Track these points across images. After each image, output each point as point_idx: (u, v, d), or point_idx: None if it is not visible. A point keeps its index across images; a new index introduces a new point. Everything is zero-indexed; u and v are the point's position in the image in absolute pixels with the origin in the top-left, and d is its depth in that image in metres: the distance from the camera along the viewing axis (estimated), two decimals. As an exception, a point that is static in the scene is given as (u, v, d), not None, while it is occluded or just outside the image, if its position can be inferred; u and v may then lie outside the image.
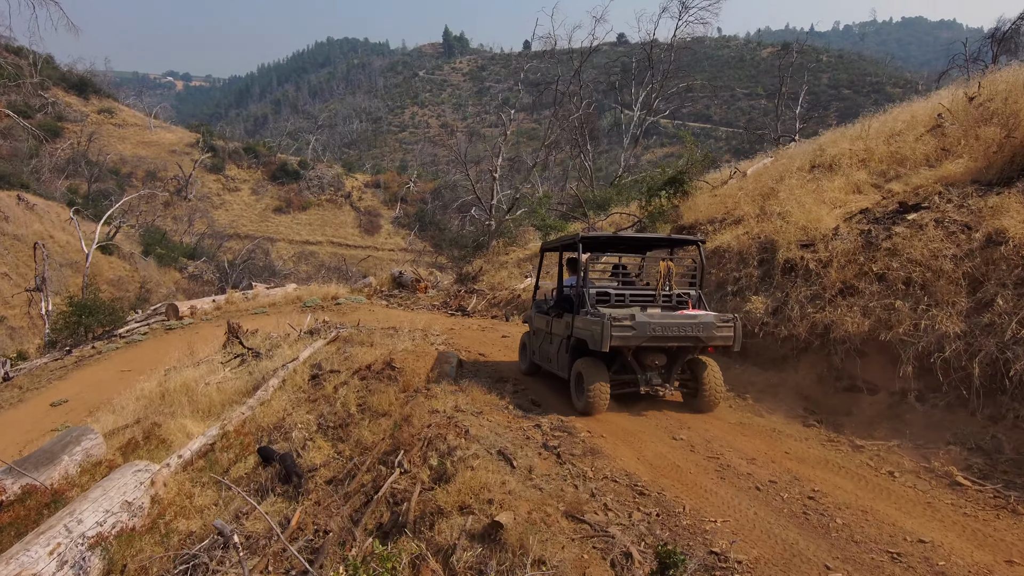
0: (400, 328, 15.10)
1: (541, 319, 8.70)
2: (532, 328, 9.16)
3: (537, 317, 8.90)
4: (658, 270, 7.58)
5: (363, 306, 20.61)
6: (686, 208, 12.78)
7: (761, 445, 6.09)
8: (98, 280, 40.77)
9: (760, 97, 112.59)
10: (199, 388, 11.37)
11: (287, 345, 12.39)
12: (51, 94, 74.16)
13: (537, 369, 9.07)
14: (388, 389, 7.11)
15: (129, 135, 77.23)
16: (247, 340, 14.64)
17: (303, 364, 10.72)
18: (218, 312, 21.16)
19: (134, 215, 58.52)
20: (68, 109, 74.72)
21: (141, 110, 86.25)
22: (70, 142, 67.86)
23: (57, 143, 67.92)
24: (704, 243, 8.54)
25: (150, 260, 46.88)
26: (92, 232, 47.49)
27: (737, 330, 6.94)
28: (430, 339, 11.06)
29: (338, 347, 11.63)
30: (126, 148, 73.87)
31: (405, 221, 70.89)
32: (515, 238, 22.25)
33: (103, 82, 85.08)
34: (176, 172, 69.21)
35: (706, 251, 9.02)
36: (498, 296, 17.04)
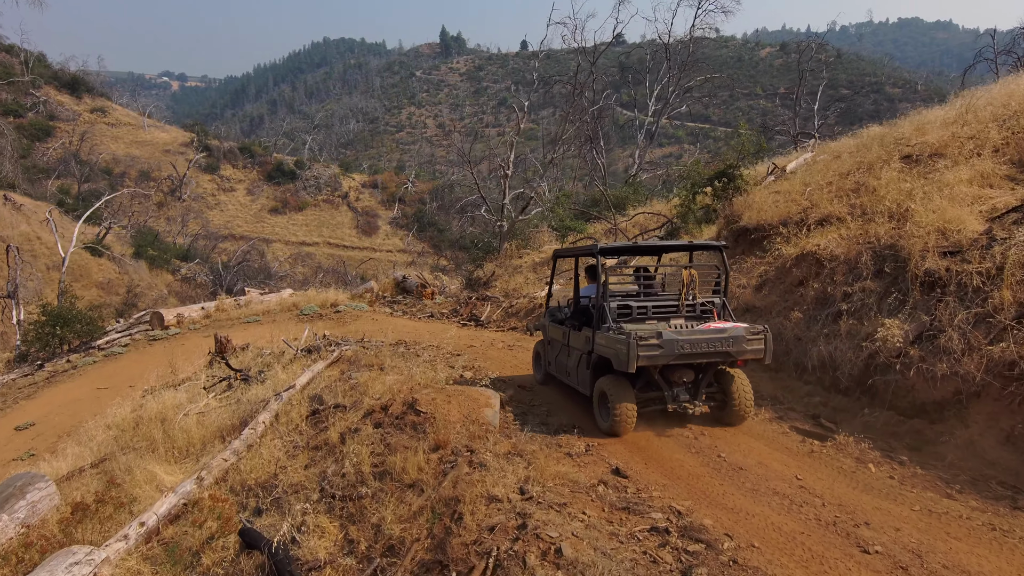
0: (411, 344, 13.30)
1: (556, 329, 8.25)
2: (547, 337, 8.74)
3: (552, 327, 8.47)
4: (680, 279, 7.26)
5: (365, 314, 18.81)
6: (742, 206, 11.03)
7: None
8: (87, 283, 38.91)
9: (759, 97, 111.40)
10: (176, 419, 9.56)
11: (281, 367, 10.58)
12: (43, 93, 72.27)
13: (551, 378, 8.65)
14: (415, 445, 5.32)
15: (122, 134, 75.37)
16: (236, 358, 12.80)
17: (300, 393, 8.90)
18: (207, 321, 19.29)
19: (126, 215, 56.76)
20: (60, 108, 72.89)
21: (135, 109, 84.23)
22: (62, 141, 66.09)
23: (49, 142, 66.10)
24: (728, 248, 8.03)
25: (141, 262, 45.02)
26: (81, 232, 45.59)
27: (768, 342, 6.56)
28: (451, 361, 9.25)
29: (342, 371, 9.82)
30: (119, 148, 72.05)
31: (403, 222, 69.39)
32: (528, 240, 20.42)
33: (96, 81, 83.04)
34: (170, 172, 67.58)
35: (793, 258, 7.31)
36: (516, 304, 15.26)
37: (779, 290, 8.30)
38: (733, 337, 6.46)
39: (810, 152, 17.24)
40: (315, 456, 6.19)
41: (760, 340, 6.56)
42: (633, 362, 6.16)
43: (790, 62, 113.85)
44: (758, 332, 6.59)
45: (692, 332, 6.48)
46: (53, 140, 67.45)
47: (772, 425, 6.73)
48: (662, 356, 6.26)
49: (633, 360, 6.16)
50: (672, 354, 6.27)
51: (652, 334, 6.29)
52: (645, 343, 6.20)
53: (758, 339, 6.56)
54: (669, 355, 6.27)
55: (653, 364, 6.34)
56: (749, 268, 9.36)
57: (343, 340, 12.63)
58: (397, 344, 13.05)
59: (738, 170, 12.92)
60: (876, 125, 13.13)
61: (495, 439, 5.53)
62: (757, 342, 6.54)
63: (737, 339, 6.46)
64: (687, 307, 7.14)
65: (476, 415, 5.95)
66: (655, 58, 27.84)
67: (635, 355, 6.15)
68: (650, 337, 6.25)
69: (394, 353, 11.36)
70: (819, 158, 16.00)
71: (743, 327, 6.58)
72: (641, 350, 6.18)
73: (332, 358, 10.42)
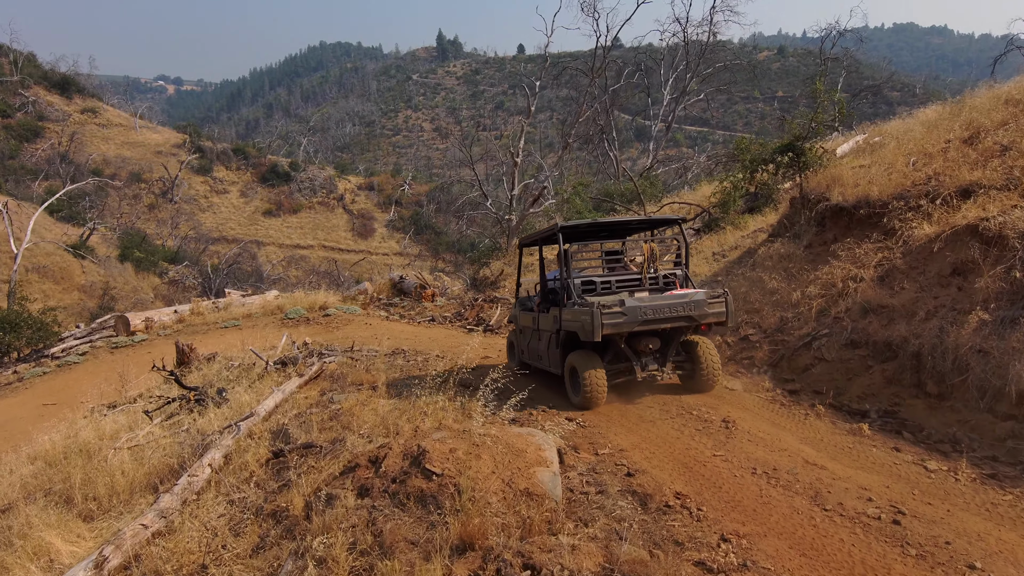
0: (410, 353, 11.07)
1: (527, 316, 8.34)
2: (518, 326, 8.82)
3: (523, 315, 8.56)
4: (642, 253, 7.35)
5: (357, 318, 16.57)
6: (825, 183, 8.88)
7: None
8: (68, 286, 36.72)
9: (757, 101, 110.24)
10: (107, 455, 7.32)
11: (246, 385, 8.33)
12: (32, 93, 70.10)
13: (525, 366, 8.50)
14: (425, 541, 3.11)
15: (113, 135, 73.23)
16: (198, 371, 10.54)
17: (263, 423, 6.65)
18: (180, 325, 17.00)
19: (114, 217, 54.61)
20: (50, 109, 70.62)
21: (127, 111, 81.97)
22: (51, 142, 63.85)
23: (38, 143, 63.84)
24: (686, 221, 8.57)
25: (127, 265, 42.78)
26: (64, 233, 43.45)
27: (729, 305, 6.69)
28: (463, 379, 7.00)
29: (322, 391, 7.59)
30: (110, 149, 69.93)
31: (400, 224, 67.52)
32: None
33: (88, 82, 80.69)
34: (162, 174, 65.33)
35: (943, 237, 5.14)
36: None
37: (919, 282, 6.18)
38: (694, 302, 6.51)
39: (860, 136, 15.22)
40: (268, 533, 3.96)
41: (721, 303, 6.62)
42: (599, 330, 6.17)
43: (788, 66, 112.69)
44: (718, 296, 6.67)
45: (654, 299, 6.58)
46: (42, 141, 65.25)
47: (983, 491, 4.39)
48: (626, 323, 6.30)
49: (598, 328, 6.16)
50: (636, 320, 6.30)
51: (615, 302, 6.35)
52: (609, 311, 6.24)
53: (719, 302, 6.62)
54: (633, 322, 6.30)
55: (618, 332, 6.36)
56: (860, 256, 7.23)
57: (328, 350, 10.38)
58: (393, 354, 10.84)
59: (808, 143, 10.80)
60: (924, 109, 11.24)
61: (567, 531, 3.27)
62: (718, 305, 6.61)
63: (698, 303, 6.51)
64: (650, 280, 7.17)
65: (524, 479, 3.68)
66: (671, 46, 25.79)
67: (599, 323, 6.16)
68: (613, 305, 6.30)
69: (390, 366, 9.13)
70: (872, 140, 14.05)
71: (703, 292, 6.67)
72: (606, 318, 6.20)
73: (310, 374, 8.18)
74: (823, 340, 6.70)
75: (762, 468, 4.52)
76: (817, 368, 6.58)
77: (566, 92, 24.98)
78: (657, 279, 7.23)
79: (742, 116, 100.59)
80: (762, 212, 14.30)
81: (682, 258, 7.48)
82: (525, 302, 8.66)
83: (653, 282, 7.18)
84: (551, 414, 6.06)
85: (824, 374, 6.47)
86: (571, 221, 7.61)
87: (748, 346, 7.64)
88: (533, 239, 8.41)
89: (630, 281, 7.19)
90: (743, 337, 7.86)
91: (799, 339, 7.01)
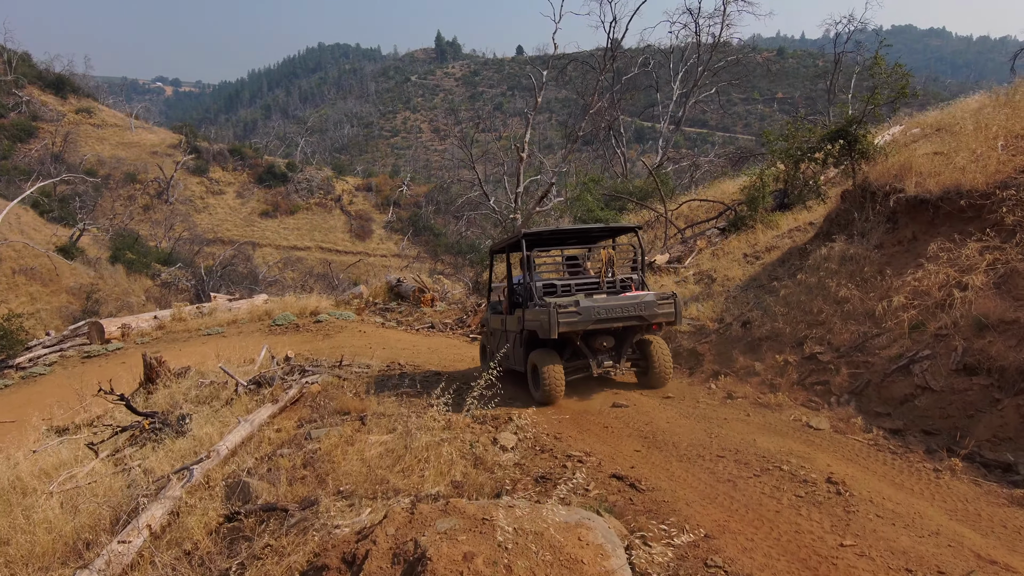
0: (408, 367, 9.65)
1: (496, 319, 8.61)
2: (489, 329, 9.03)
3: (493, 318, 8.81)
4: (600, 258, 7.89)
5: (351, 325, 15.14)
6: (893, 172, 7.48)
7: None
8: (56, 288, 35.22)
9: (756, 102, 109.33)
10: (34, 501, 5.92)
11: (211, 412, 6.90)
12: (26, 92, 68.58)
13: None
14: None
15: (108, 136, 71.80)
16: (165, 388, 9.09)
17: (222, 467, 5.23)
18: (160, 333, 15.52)
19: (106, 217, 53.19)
20: (44, 108, 69.11)
21: (123, 111, 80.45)
22: (44, 142, 62.38)
23: (31, 143, 62.38)
24: (641, 229, 9.19)
25: (118, 266, 41.31)
26: (52, 234, 41.99)
27: (677, 306, 7.00)
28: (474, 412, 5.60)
29: (299, 422, 6.17)
30: (105, 149, 68.52)
31: (398, 226, 66.18)
32: None
33: (83, 82, 79.12)
34: (157, 174, 63.88)
35: None
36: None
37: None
38: (645, 303, 6.81)
39: (895, 128, 13.90)
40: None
41: (670, 304, 6.94)
42: (555, 328, 6.47)
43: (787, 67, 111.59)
44: (668, 297, 6.99)
45: (608, 300, 6.90)
46: (36, 141, 63.78)
47: None
48: (580, 322, 6.59)
49: (555, 326, 6.47)
50: (590, 319, 6.61)
51: (571, 303, 6.65)
52: (565, 310, 6.56)
53: (668, 303, 6.93)
54: (587, 320, 6.60)
55: (573, 330, 6.66)
56: (961, 259, 5.80)
57: (312, 365, 8.94)
58: (388, 369, 9.41)
59: (863, 128, 9.41)
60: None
61: None
62: (667, 306, 6.92)
63: (648, 304, 6.81)
64: (608, 284, 7.49)
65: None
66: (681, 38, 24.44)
67: (555, 321, 6.46)
68: (569, 305, 6.61)
69: (382, 386, 7.70)
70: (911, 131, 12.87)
71: (654, 293, 7.03)
72: (562, 317, 6.51)
73: (287, 399, 6.73)
74: (924, 364, 5.29)
75: (923, 571, 3.08)
76: (921, 400, 5.14)
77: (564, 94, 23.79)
78: (615, 283, 7.50)
79: (741, 118, 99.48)
80: (794, 210, 12.96)
81: (639, 263, 7.79)
82: (496, 306, 8.92)
83: (611, 285, 7.47)
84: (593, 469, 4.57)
85: (932, 408, 5.03)
86: (534, 229, 7.90)
87: (818, 368, 6.24)
88: (502, 246, 8.62)
89: (589, 285, 7.46)
90: (809, 356, 6.46)
91: (890, 362, 5.60)
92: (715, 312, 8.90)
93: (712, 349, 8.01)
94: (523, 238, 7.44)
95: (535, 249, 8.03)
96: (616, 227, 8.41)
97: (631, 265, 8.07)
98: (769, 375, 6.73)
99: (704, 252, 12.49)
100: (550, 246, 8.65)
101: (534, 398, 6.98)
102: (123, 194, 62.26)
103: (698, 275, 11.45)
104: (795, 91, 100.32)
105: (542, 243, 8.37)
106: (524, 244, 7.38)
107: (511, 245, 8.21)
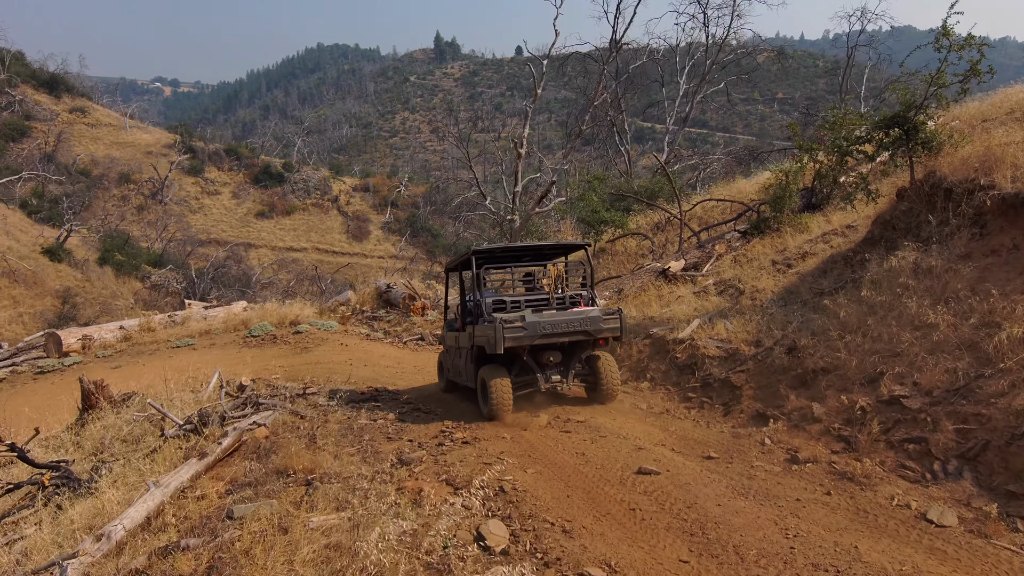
0: (386, 393, 8.17)
1: (451, 336, 8.58)
2: (446, 346, 8.99)
3: (448, 335, 8.81)
4: (549, 275, 7.79)
5: (333, 336, 13.66)
6: (973, 163, 6.02)
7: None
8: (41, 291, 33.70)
9: (756, 103, 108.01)
10: None
11: (127, 465, 5.41)
12: (19, 91, 67.07)
13: (455, 386, 8.69)
14: None
15: (102, 135, 70.31)
16: (99, 421, 7.61)
17: (111, 561, 3.69)
18: (125, 345, 14.02)
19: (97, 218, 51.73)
20: (37, 108, 67.58)
21: (118, 110, 78.89)
22: (37, 142, 60.88)
23: (24, 143, 60.89)
24: (590, 246, 9.52)
25: (107, 268, 39.82)
26: (39, 235, 40.55)
27: (623, 321, 7.04)
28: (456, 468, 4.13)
29: (228, 485, 4.66)
30: (99, 149, 67.07)
31: (396, 227, 64.81)
32: (547, 238, 15.24)
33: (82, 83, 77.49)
34: (151, 175, 62.33)
35: None
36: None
37: None
38: (590, 318, 6.88)
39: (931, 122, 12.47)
40: None
41: (615, 319, 7.01)
42: (500, 343, 6.49)
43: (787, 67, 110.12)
44: (613, 313, 7.05)
45: (554, 315, 6.91)
46: (28, 141, 62.28)
47: None
48: (526, 337, 6.63)
49: (500, 341, 6.49)
50: (535, 334, 6.66)
51: (517, 318, 6.71)
52: (510, 326, 6.60)
53: (613, 319, 7.00)
54: (533, 335, 6.65)
55: (519, 344, 6.67)
56: None
57: (270, 395, 7.44)
58: (361, 398, 7.92)
59: (923, 114, 7.96)
60: None
61: None
62: (612, 321, 6.99)
63: (594, 319, 6.88)
64: (557, 300, 7.45)
65: None
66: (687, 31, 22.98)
67: (502, 337, 6.49)
68: (515, 321, 6.66)
69: (346, 428, 6.21)
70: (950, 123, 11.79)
71: (599, 309, 7.19)
72: (507, 332, 6.54)
73: (220, 450, 5.22)
74: (1072, 423, 3.86)
75: None
76: (1077, 476, 3.71)
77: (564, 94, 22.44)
78: (564, 299, 7.45)
79: (742, 118, 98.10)
80: (824, 210, 11.49)
81: (588, 279, 7.82)
82: (452, 323, 8.82)
83: (560, 302, 7.41)
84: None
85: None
86: (484, 246, 7.86)
87: (907, 418, 4.72)
88: (455, 263, 8.70)
89: (539, 301, 7.41)
90: (890, 399, 4.94)
91: (1017, 416, 4.13)
92: (749, 333, 7.41)
93: (751, 381, 6.53)
94: (473, 256, 7.45)
95: (488, 266, 8.02)
96: (567, 244, 8.49)
97: (580, 282, 8.00)
98: (835, 423, 5.21)
99: (724, 258, 11.04)
100: (503, 263, 8.60)
101: (482, 413, 6.94)
102: (117, 194, 60.82)
103: (721, 285, 9.97)
104: (795, 91, 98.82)
105: (494, 260, 8.35)
106: (474, 262, 7.39)
107: (464, 263, 8.19)
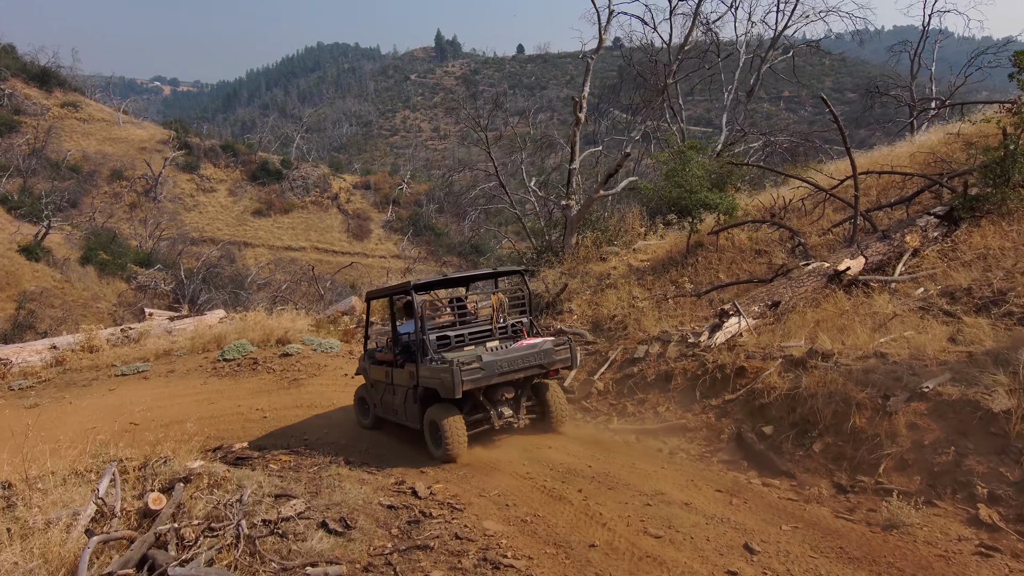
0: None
1: (379, 370, 7.91)
2: (369, 380, 8.26)
3: (374, 368, 8.07)
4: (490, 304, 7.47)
5: (333, 361, 10.14)
6: None
7: None
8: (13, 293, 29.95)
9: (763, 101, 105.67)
10: None
11: None
12: (9, 85, 63.17)
13: (381, 423, 8.10)
14: None
15: (95, 131, 66.37)
16: None
17: None
18: (55, 370, 10.45)
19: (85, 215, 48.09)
20: (27, 102, 63.62)
21: (111, 106, 74.82)
22: (27, 137, 57.04)
23: (12, 138, 57.05)
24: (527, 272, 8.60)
25: (89, 268, 36.14)
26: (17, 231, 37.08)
27: (573, 351, 6.93)
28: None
29: None
30: (90, 144, 63.21)
31: (398, 225, 61.22)
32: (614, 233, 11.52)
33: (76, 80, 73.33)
34: (145, 171, 58.54)
35: None
36: (643, 358, 6.98)
37: None
38: (544, 351, 6.67)
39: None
40: None
41: (566, 349, 6.84)
42: (459, 388, 6.13)
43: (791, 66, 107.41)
44: (563, 343, 6.86)
45: (508, 351, 6.67)
46: (17, 136, 58.43)
47: None
48: (484, 377, 6.31)
49: (459, 386, 6.13)
50: (494, 374, 6.36)
51: (473, 358, 6.36)
52: (468, 367, 6.22)
53: (564, 349, 6.83)
54: (491, 375, 6.34)
55: (477, 386, 6.35)
56: None
57: (207, 523, 3.88)
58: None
59: None
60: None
61: None
62: (564, 352, 6.81)
63: (547, 351, 6.69)
64: (499, 329, 7.19)
65: None
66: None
67: (459, 380, 6.13)
68: (472, 361, 6.30)
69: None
70: None
71: (550, 340, 6.85)
72: (465, 375, 6.18)
73: None
74: None
75: None
76: None
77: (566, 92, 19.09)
78: (506, 328, 7.20)
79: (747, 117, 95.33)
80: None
81: (527, 307, 7.53)
82: (374, 354, 8.15)
83: (503, 331, 7.15)
84: None
85: None
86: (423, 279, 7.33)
87: None
88: (382, 293, 8.28)
89: (482, 332, 7.10)
90: None
91: None
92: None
93: None
94: (412, 289, 6.87)
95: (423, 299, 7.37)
96: (502, 271, 8.26)
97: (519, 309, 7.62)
98: None
99: (925, 252, 7.54)
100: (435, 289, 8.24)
101: (434, 456, 6.51)
102: (108, 191, 57.08)
103: (952, 298, 6.38)
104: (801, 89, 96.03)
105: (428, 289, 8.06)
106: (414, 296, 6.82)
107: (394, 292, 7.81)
